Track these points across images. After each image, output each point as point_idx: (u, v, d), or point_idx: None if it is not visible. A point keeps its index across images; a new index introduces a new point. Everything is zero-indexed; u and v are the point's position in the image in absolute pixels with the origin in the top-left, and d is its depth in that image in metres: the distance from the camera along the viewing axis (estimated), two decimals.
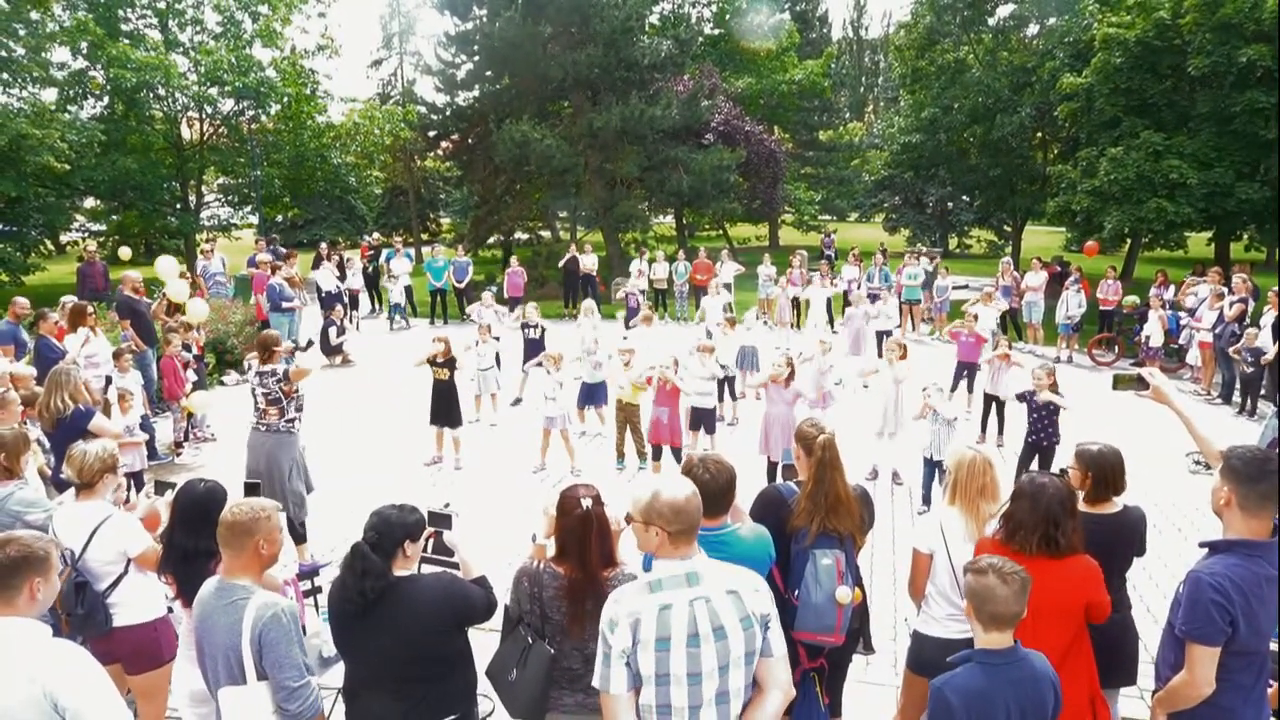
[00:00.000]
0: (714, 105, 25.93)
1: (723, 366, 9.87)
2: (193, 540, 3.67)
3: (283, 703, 2.92)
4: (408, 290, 18.69)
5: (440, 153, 29.83)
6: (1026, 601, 2.78)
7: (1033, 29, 26.51)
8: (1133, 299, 15.07)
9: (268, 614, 2.93)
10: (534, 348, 11.81)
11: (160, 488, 4.59)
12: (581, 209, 26.38)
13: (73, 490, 4.06)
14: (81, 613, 3.78)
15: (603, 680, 2.51)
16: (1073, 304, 14.68)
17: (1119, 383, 3.91)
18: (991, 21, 26.17)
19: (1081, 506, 3.60)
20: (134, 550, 3.91)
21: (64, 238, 26.78)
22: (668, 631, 2.46)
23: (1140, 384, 3.75)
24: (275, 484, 6.42)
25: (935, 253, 22.26)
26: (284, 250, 19.11)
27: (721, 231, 36.98)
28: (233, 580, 3.04)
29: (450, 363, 9.09)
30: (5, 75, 20.22)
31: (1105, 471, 3.78)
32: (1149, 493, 7.93)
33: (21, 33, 20.34)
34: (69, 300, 9.95)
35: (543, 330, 11.95)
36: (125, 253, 16.30)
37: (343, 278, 17.51)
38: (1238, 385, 11.62)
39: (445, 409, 9.17)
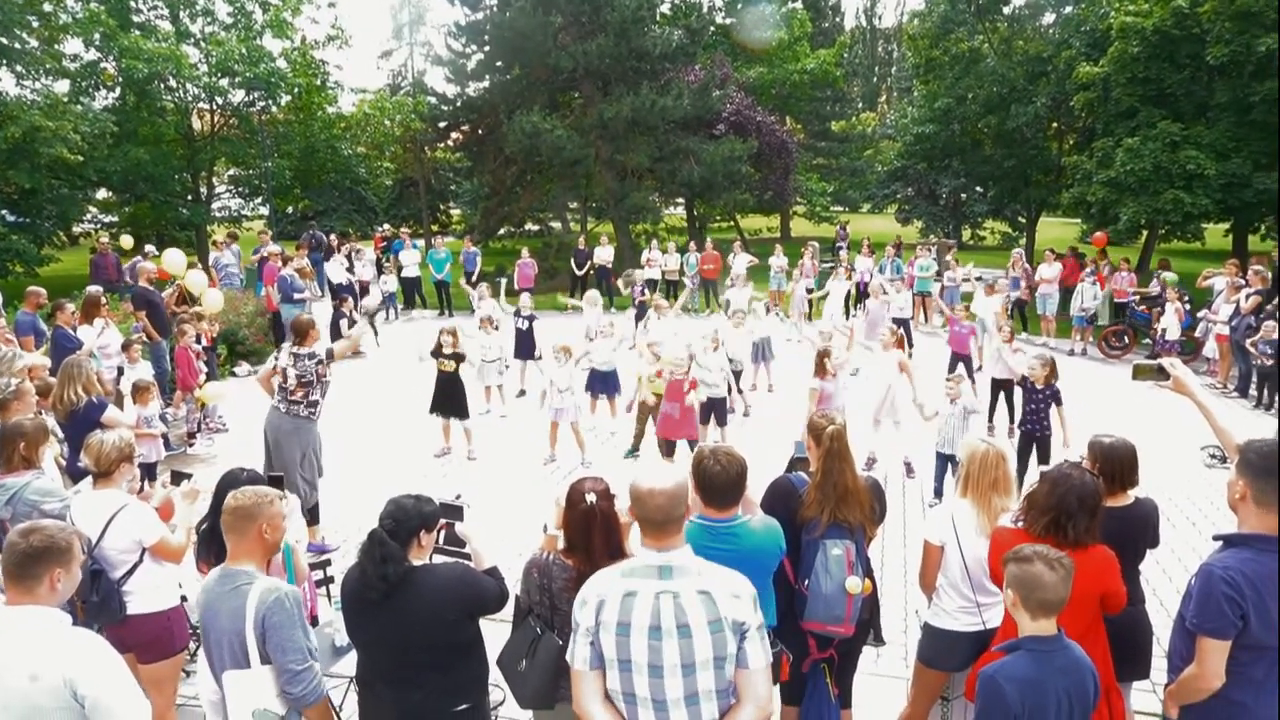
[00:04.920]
0: (725, 95, 25.75)
1: (730, 360, 9.82)
2: None
3: (286, 686, 2.95)
4: (416, 281, 18.72)
5: (450, 144, 29.79)
6: (1071, 587, 2.80)
7: (1049, 18, 26.20)
8: (1151, 287, 14.90)
9: (270, 598, 2.95)
10: (523, 338, 11.79)
11: (176, 478, 4.63)
12: (592, 200, 26.28)
13: (90, 479, 4.10)
14: (96, 600, 3.81)
15: (569, 654, 2.61)
16: (1087, 296, 14.56)
17: (1139, 373, 3.83)
18: (1006, 10, 25.87)
19: None
20: (149, 539, 3.94)
21: (76, 229, 26.86)
22: (629, 618, 2.48)
23: (1161, 374, 3.68)
24: (284, 465, 6.45)
25: (949, 244, 22.03)
26: (322, 237, 19.25)
27: (733, 223, 36.87)
28: (236, 566, 3.06)
29: (457, 356, 9.07)
30: (19, 67, 20.26)
31: (1115, 465, 3.75)
32: (1163, 486, 7.88)
33: (35, 24, 20.41)
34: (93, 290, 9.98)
35: (531, 321, 11.86)
36: (127, 241, 16.36)
37: (351, 269, 17.56)
38: (1254, 378, 11.52)
39: (447, 399, 9.14)
